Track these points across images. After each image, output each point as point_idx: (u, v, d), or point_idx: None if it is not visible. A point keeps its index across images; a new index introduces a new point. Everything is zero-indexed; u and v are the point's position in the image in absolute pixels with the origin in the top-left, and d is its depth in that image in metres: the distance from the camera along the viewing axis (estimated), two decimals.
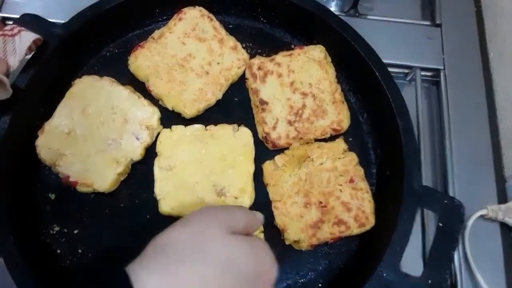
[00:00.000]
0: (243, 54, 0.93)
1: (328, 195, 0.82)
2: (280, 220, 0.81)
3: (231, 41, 0.93)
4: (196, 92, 0.88)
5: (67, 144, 0.81)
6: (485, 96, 1.01)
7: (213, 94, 0.89)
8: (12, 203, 0.76)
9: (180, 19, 0.93)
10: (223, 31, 0.94)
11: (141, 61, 0.89)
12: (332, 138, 0.89)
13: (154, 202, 0.81)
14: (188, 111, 0.87)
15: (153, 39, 0.92)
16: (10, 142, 0.78)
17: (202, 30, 0.93)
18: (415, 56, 1.03)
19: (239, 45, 0.93)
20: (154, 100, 0.89)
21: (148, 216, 0.82)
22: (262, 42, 0.98)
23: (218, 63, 0.91)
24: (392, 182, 0.82)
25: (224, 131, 0.86)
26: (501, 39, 1.03)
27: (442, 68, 1.02)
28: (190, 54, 0.91)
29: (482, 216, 0.88)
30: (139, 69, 0.89)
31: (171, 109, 0.88)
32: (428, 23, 1.08)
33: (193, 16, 0.94)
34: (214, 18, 0.94)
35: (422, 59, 1.03)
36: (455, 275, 0.84)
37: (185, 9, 0.94)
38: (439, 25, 1.07)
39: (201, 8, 0.95)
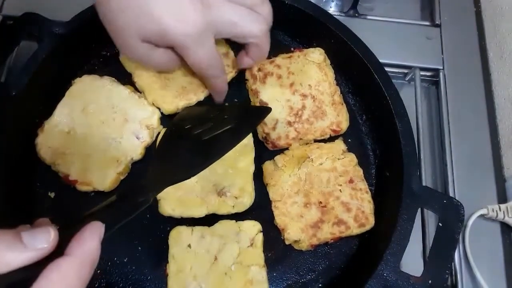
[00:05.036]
0: (233, 61, 0.91)
1: (328, 195, 0.82)
2: (280, 220, 0.80)
3: (224, 47, 0.92)
4: (178, 90, 0.87)
5: (67, 143, 0.81)
6: (485, 96, 1.01)
7: (195, 95, 0.88)
8: (11, 202, 0.76)
9: None
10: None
11: None
12: (331, 139, 0.89)
13: (154, 201, 0.81)
14: (167, 107, 0.86)
15: None
16: (9, 140, 0.78)
17: None
18: (414, 56, 1.03)
19: (231, 52, 0.92)
20: None
21: (148, 216, 0.82)
22: None
23: None
24: (392, 182, 0.82)
25: None
26: (501, 39, 1.03)
27: (442, 68, 1.02)
28: None
29: (482, 216, 0.88)
30: (127, 60, 0.89)
31: (151, 103, 0.87)
32: (427, 23, 1.09)
33: None
34: None
35: (422, 59, 1.03)
36: (455, 275, 0.84)
37: None
38: (438, 25, 1.07)
39: None
